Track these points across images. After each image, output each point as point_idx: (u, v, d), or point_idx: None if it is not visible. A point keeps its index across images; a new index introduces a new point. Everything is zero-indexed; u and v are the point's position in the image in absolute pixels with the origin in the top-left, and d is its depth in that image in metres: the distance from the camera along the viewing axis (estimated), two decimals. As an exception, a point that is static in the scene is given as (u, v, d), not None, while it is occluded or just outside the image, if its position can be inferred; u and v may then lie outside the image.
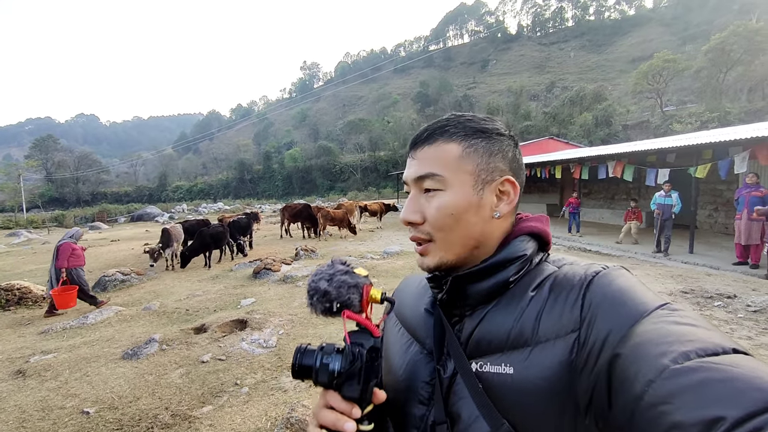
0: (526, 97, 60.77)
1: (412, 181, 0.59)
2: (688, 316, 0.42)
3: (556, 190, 17.46)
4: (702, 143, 7.41)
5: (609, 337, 0.43)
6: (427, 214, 0.57)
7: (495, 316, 0.54)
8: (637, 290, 0.47)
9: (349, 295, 0.53)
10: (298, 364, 0.52)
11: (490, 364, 0.51)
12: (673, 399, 0.33)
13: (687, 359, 0.35)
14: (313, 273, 0.57)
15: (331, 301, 0.53)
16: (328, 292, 0.53)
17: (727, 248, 7.73)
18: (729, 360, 0.34)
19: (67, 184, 61.26)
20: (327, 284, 0.53)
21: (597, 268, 0.51)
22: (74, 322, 5.28)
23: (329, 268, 0.56)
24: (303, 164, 60.60)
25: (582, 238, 10.55)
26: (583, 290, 0.48)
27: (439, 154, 0.57)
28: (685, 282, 5.63)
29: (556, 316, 0.49)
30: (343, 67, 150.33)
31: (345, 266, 0.56)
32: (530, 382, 0.47)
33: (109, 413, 3.01)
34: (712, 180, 9.48)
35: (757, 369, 0.33)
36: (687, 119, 31.58)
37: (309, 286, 0.55)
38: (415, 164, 0.59)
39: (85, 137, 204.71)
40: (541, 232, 0.59)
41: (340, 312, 0.53)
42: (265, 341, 4.21)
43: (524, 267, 0.55)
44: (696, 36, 62.59)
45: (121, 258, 11.40)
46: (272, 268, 7.38)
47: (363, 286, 0.54)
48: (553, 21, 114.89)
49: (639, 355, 0.39)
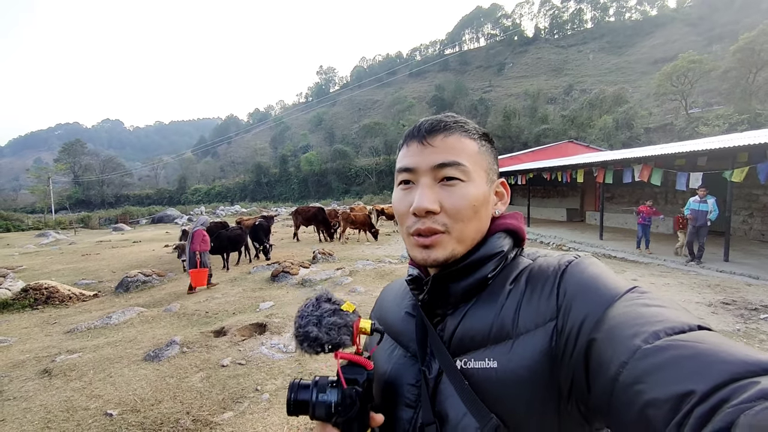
0: (544, 101, 59.89)
1: (430, 168, 0.56)
2: (657, 298, 0.44)
3: (577, 195, 17.04)
4: (738, 146, 7.05)
5: (585, 322, 0.45)
6: (446, 204, 0.55)
7: (476, 312, 0.55)
8: (608, 276, 0.49)
9: (341, 336, 0.53)
10: (293, 400, 0.52)
11: (474, 360, 0.52)
12: (646, 378, 0.35)
13: (657, 339, 0.37)
14: (298, 313, 0.56)
15: (322, 345, 0.53)
16: (318, 337, 0.52)
17: (766, 256, 7.32)
18: (695, 336, 0.36)
19: (93, 187, 63.42)
20: (316, 329, 0.53)
21: (570, 258, 0.53)
22: (98, 323, 5.36)
23: (315, 308, 0.56)
24: (319, 168, 61.09)
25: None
26: (557, 280, 0.50)
27: (462, 146, 0.57)
28: (724, 292, 5.33)
29: (534, 307, 0.50)
30: (359, 71, 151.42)
31: (331, 305, 0.56)
32: (514, 373, 0.48)
33: (131, 416, 2.99)
34: (746, 184, 9.04)
35: (721, 344, 0.35)
36: (714, 121, 30.48)
37: (297, 330, 0.55)
38: (433, 151, 0.57)
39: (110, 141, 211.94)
40: (516, 229, 0.60)
41: (332, 351, 0.53)
42: (284, 346, 4.16)
43: (501, 263, 0.57)
44: (722, 36, 60.57)
45: (143, 259, 11.63)
46: (290, 272, 7.36)
47: (352, 324, 0.54)
48: (571, 23, 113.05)
49: (612, 338, 0.40)
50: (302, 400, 0.52)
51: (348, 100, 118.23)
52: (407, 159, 0.59)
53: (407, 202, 0.57)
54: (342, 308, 0.55)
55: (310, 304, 0.57)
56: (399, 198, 0.60)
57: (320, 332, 0.53)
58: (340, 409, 0.51)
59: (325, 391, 0.52)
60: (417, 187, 0.57)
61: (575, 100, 54.19)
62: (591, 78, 75.67)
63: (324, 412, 0.51)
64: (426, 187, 0.56)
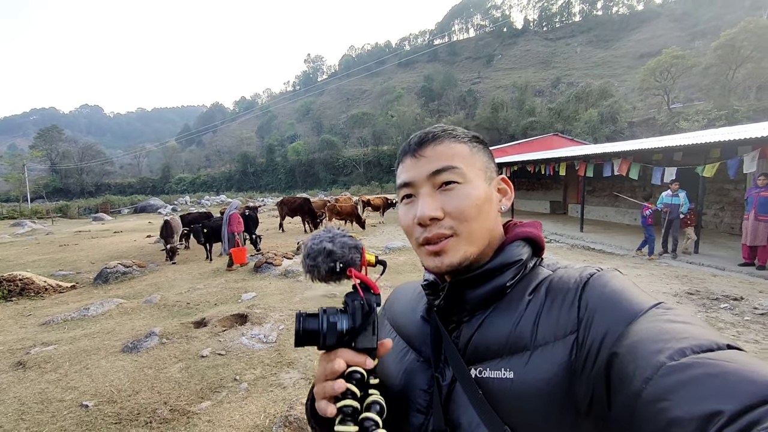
0: (531, 93, 60.31)
1: (426, 177, 0.57)
2: (682, 315, 0.43)
3: (560, 188, 17.34)
4: (710, 142, 7.28)
5: (606, 337, 0.44)
6: (449, 207, 0.56)
7: (493, 321, 0.54)
8: (632, 291, 0.48)
9: (352, 254, 0.54)
10: (302, 329, 0.51)
11: (490, 369, 0.51)
12: (670, 395, 0.34)
13: (683, 356, 0.36)
14: (309, 239, 0.57)
15: (335, 260, 0.53)
16: (333, 251, 0.53)
17: (733, 249, 7.64)
18: (723, 355, 0.35)
19: (71, 175, 61.52)
20: (331, 245, 0.54)
21: (591, 271, 0.52)
22: (75, 314, 5.28)
23: (327, 232, 0.57)
24: (306, 158, 60.53)
25: (585, 235, 10.47)
26: (579, 292, 0.49)
27: (452, 151, 0.58)
28: (690, 283, 5.56)
29: (553, 319, 0.49)
30: (347, 60, 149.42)
31: (341, 230, 0.58)
32: (531, 385, 0.47)
33: (108, 407, 3.00)
34: (718, 179, 9.35)
35: (750, 363, 0.34)
36: (694, 117, 31.23)
37: (310, 248, 0.55)
38: (426, 161, 0.58)
39: (90, 128, 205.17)
40: (535, 237, 0.60)
41: (344, 271, 0.54)
42: (265, 336, 4.20)
43: (520, 272, 0.56)
44: (705, 32, 61.74)
45: (123, 250, 11.43)
46: (273, 262, 7.36)
47: (361, 247, 0.56)
48: (560, 16, 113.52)
49: (636, 354, 0.39)
50: (312, 329, 0.51)
51: (336, 90, 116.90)
52: (404, 174, 0.60)
53: (411, 214, 0.58)
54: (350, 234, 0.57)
55: (321, 231, 0.58)
56: (403, 213, 0.60)
57: (334, 247, 0.54)
58: (353, 331, 0.51)
59: (336, 316, 0.52)
60: (418, 200, 0.58)
61: (562, 93, 54.72)
62: (578, 71, 76.44)
63: (335, 338, 0.51)
64: (426, 196, 0.56)
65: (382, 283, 0.55)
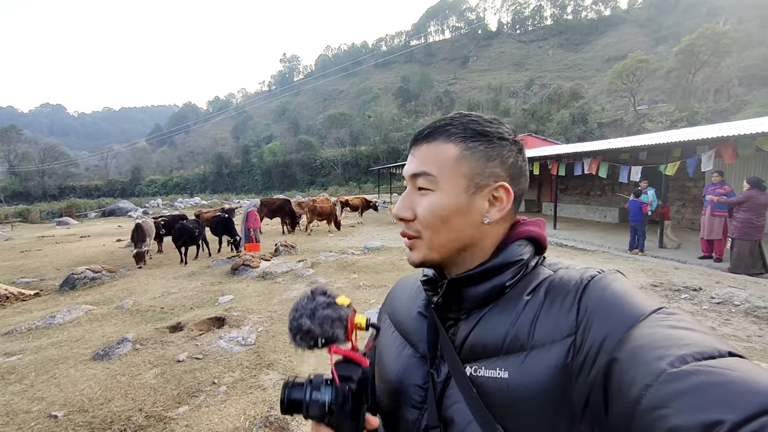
0: (506, 94, 61.74)
1: (408, 177, 0.59)
2: (684, 320, 0.42)
3: (534, 186, 17.85)
4: (671, 142, 7.70)
5: (605, 342, 0.43)
6: (417, 212, 0.57)
7: (490, 320, 0.54)
8: (633, 294, 0.47)
9: (334, 329, 0.52)
10: (287, 399, 0.51)
11: (485, 368, 0.51)
12: (671, 403, 0.33)
13: (684, 363, 0.35)
14: (293, 306, 0.56)
15: (315, 338, 0.52)
16: (311, 330, 0.52)
17: (694, 243, 8.09)
18: (725, 363, 0.35)
19: (32, 178, 58.17)
20: (309, 321, 0.52)
21: (592, 272, 0.51)
22: (41, 323, 5.04)
23: (309, 301, 0.55)
24: (283, 158, 59.63)
25: (562, 232, 10.84)
26: (579, 294, 0.48)
27: (437, 154, 0.56)
28: (654, 276, 5.86)
29: (552, 321, 0.49)
30: (324, 60, 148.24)
31: (326, 297, 0.55)
32: (526, 386, 0.47)
33: (78, 416, 2.89)
34: (680, 177, 9.88)
35: (753, 372, 0.33)
36: (658, 118, 32.83)
37: (290, 323, 0.54)
38: (412, 161, 0.59)
39: (51, 128, 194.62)
40: (538, 237, 0.58)
41: (326, 346, 0.53)
42: (243, 339, 4.14)
43: (521, 271, 0.55)
44: (668, 37, 64.86)
45: (91, 255, 10.96)
46: (251, 264, 7.24)
47: (347, 317, 0.54)
48: (532, 19, 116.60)
49: (636, 359, 0.39)
50: (296, 399, 0.51)
51: (312, 90, 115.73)
52: (405, 167, 0.62)
53: None
54: (336, 301, 0.54)
55: (305, 297, 0.56)
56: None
57: (313, 324, 0.52)
58: (334, 407, 0.50)
59: (319, 389, 0.51)
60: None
61: (535, 95, 56.22)
62: (550, 73, 78.71)
63: (318, 411, 0.50)
64: (405, 196, 0.59)
65: (362, 282, 0.57)
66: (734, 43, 34.32)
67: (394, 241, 10.26)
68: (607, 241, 9.16)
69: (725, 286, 5.11)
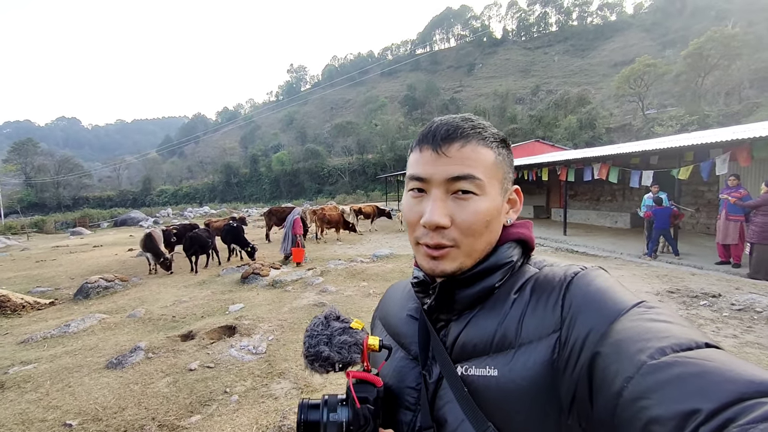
0: (512, 101, 61.67)
1: (443, 180, 0.54)
2: (664, 313, 0.43)
3: (543, 192, 17.72)
4: (683, 145, 7.60)
5: (589, 336, 0.44)
6: (458, 219, 0.54)
7: (479, 320, 0.55)
8: (615, 290, 0.48)
9: (351, 354, 0.53)
10: (304, 421, 0.52)
11: (475, 367, 0.52)
12: (651, 394, 0.35)
13: (663, 355, 0.37)
14: (307, 333, 0.56)
15: (333, 364, 0.53)
16: (330, 357, 0.53)
17: (710, 248, 7.92)
18: (702, 354, 0.36)
19: (48, 189, 59.54)
20: (328, 349, 0.53)
21: (576, 269, 0.52)
22: (55, 331, 5.10)
23: (324, 327, 0.56)
24: (290, 167, 60.17)
25: (570, 238, 10.70)
26: (563, 291, 0.50)
27: (478, 156, 0.55)
28: (670, 282, 5.74)
29: (538, 318, 0.50)
30: (331, 70, 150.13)
31: (341, 323, 0.56)
32: (514, 383, 0.48)
33: (92, 425, 2.91)
34: (693, 181, 9.72)
35: (728, 362, 0.35)
36: (668, 122, 32.48)
37: (307, 351, 0.55)
38: (448, 162, 0.54)
39: (66, 141, 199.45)
40: (526, 239, 0.60)
41: (343, 370, 0.54)
42: (254, 347, 4.14)
43: (509, 272, 0.57)
44: (675, 41, 64.50)
45: (104, 264, 11.11)
46: (261, 273, 7.27)
47: (362, 341, 0.55)
48: (537, 26, 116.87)
49: (618, 353, 0.40)
50: (312, 420, 0.51)
51: (320, 99, 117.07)
52: (420, 167, 0.56)
53: (418, 211, 0.56)
54: (351, 326, 0.55)
55: (319, 323, 0.56)
56: (410, 206, 0.57)
57: (332, 352, 0.52)
58: (353, 428, 0.50)
59: (335, 410, 0.51)
60: (428, 198, 0.55)
61: (542, 101, 56.11)
62: (556, 79, 78.63)
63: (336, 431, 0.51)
64: (438, 200, 0.54)
65: (372, 290, 0.57)
66: (744, 45, 33.96)
67: (402, 248, 10.23)
68: (619, 247, 9.02)
69: (746, 292, 4.97)
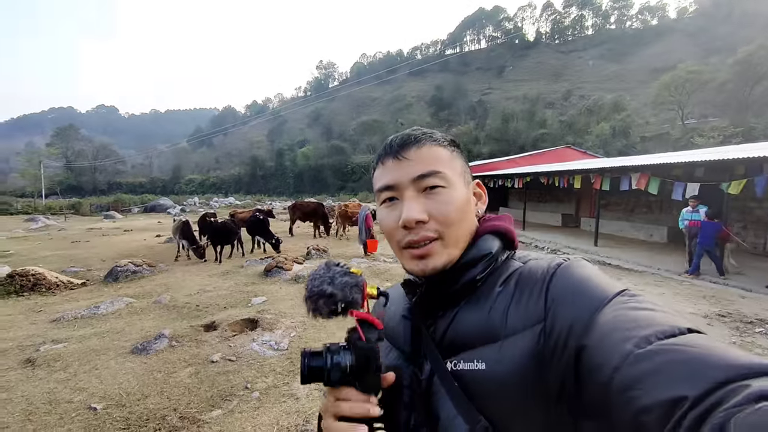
0: (542, 105, 60.27)
1: (411, 180, 0.57)
2: (646, 301, 0.44)
3: (572, 200, 17.10)
4: (735, 158, 7.07)
5: (573, 326, 0.44)
6: (434, 212, 0.56)
7: (465, 314, 0.55)
8: (597, 279, 0.49)
9: (353, 294, 0.54)
10: (307, 367, 0.52)
11: (464, 361, 0.52)
12: (638, 384, 0.35)
13: (648, 343, 0.37)
14: (309, 277, 0.57)
15: (336, 302, 0.54)
16: (333, 294, 0.53)
17: (759, 269, 7.39)
18: (686, 340, 0.37)
19: (85, 173, 62.61)
20: (330, 287, 0.54)
21: (559, 261, 0.53)
22: (85, 312, 5.23)
23: (326, 270, 0.56)
24: (315, 163, 60.88)
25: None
26: (546, 282, 0.50)
27: (435, 154, 0.58)
28: (719, 304, 5.33)
29: (522, 310, 0.50)
30: (359, 68, 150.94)
31: (341, 268, 0.57)
32: (502, 375, 0.48)
33: (116, 410, 2.91)
34: (741, 197, 9.07)
35: (711, 347, 0.35)
36: (709, 133, 30.83)
37: (310, 291, 0.55)
38: (410, 164, 0.58)
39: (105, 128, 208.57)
40: (504, 230, 0.60)
41: (345, 312, 0.54)
42: (276, 343, 4.08)
43: (490, 265, 0.57)
44: (720, 48, 61.11)
45: (133, 248, 11.46)
46: (284, 267, 7.27)
47: (362, 283, 0.56)
48: (572, 29, 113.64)
49: (603, 343, 0.40)
50: (316, 366, 0.52)
51: (347, 96, 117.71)
52: (386, 177, 0.59)
53: (394, 217, 0.58)
54: (351, 270, 0.57)
55: (321, 268, 0.57)
56: (384, 216, 0.60)
57: (335, 289, 0.53)
58: (356, 368, 0.51)
59: (339, 354, 0.52)
60: (401, 202, 0.58)
61: (573, 106, 54.50)
62: (590, 84, 76.13)
63: (339, 375, 0.51)
64: (412, 199, 0.56)
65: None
66: (798, 55, 31.79)
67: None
68: (656, 262, 8.52)
69: (804, 320, 4.55)
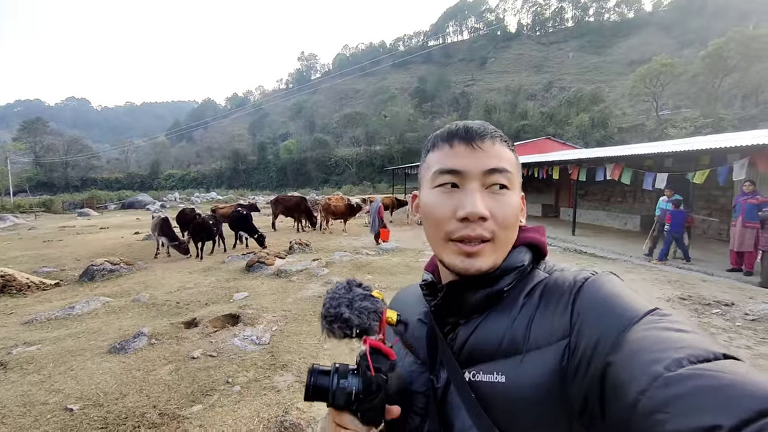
0: (524, 96, 60.89)
1: (482, 172, 0.55)
2: (678, 321, 0.42)
3: (552, 191, 17.51)
4: (700, 149, 7.40)
5: (599, 345, 0.43)
6: (495, 211, 0.54)
7: (488, 324, 0.54)
8: (627, 296, 0.46)
9: (370, 321, 0.53)
10: (313, 385, 0.51)
11: (483, 372, 0.51)
12: (667, 408, 0.33)
13: (680, 366, 0.35)
14: (328, 295, 0.56)
15: (351, 327, 0.52)
16: (349, 319, 0.52)
17: (721, 254, 7.77)
18: (721, 366, 0.35)
19: (56, 169, 60.08)
20: (348, 311, 0.53)
21: (586, 275, 0.51)
22: (59, 313, 5.12)
23: (347, 291, 0.55)
24: (298, 156, 60.08)
25: (578, 238, 10.56)
26: (572, 297, 0.49)
27: (506, 154, 0.57)
28: (682, 288, 5.62)
29: (546, 324, 0.49)
30: (341, 59, 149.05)
31: (363, 290, 0.56)
32: (522, 389, 0.47)
33: (93, 410, 2.89)
34: (707, 186, 9.49)
35: (748, 375, 0.33)
36: (681, 124, 31.88)
37: (327, 311, 0.54)
38: (484, 155, 0.55)
39: (76, 121, 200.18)
40: (538, 244, 0.59)
41: (360, 336, 0.53)
42: (258, 338, 4.11)
43: (518, 276, 0.56)
44: (694, 41, 62.98)
45: (110, 246, 11.17)
46: (266, 262, 7.25)
47: (381, 310, 0.54)
48: (553, 21, 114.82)
49: (632, 363, 0.39)
50: (322, 385, 0.51)
51: (329, 89, 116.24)
52: (453, 160, 0.56)
53: (450, 206, 0.54)
54: (372, 294, 0.55)
55: (342, 287, 0.56)
56: (438, 201, 0.56)
57: (352, 314, 0.52)
58: (362, 396, 0.50)
59: (346, 378, 0.51)
60: (463, 192, 0.55)
61: (554, 98, 55.28)
62: (570, 76, 77.36)
63: (343, 400, 0.50)
64: (478, 193, 0.54)
65: (377, 284, 0.55)
66: (765, 47, 33.07)
67: (408, 242, 10.16)
68: (628, 250, 8.87)
69: (759, 301, 4.84)
